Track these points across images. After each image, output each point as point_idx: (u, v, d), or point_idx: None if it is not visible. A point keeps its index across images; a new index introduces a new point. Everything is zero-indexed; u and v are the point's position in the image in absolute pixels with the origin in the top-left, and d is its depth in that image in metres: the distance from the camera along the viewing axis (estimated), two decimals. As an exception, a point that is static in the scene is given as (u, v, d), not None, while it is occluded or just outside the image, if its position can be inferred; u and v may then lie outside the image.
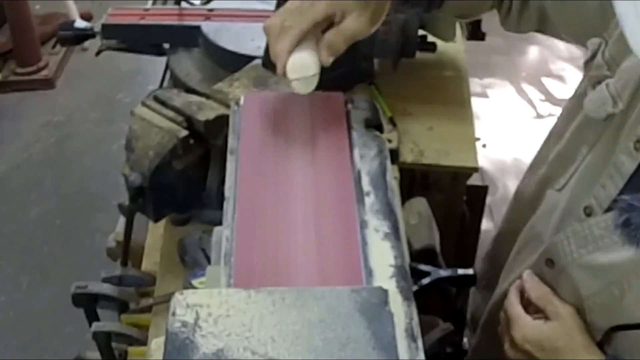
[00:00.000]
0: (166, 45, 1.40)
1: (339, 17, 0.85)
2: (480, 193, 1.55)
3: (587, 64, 0.89)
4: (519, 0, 1.03)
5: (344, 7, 0.85)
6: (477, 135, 1.36)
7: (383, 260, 0.73)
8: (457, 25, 1.46)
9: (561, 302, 0.84)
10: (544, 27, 1.03)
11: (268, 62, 0.90)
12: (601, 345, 0.80)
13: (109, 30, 1.38)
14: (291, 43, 0.84)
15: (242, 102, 0.92)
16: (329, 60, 0.86)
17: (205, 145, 1.03)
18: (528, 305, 0.87)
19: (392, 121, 1.31)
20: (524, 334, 0.84)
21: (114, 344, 1.10)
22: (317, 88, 0.88)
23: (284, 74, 0.85)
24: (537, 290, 0.86)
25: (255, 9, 1.36)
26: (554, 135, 1.01)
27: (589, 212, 0.82)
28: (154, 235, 1.24)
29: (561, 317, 0.82)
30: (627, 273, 0.76)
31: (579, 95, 0.92)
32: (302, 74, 0.85)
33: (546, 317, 0.84)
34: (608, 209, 0.79)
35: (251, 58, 1.17)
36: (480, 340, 1.13)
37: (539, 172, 1.02)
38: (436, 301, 0.94)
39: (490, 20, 1.41)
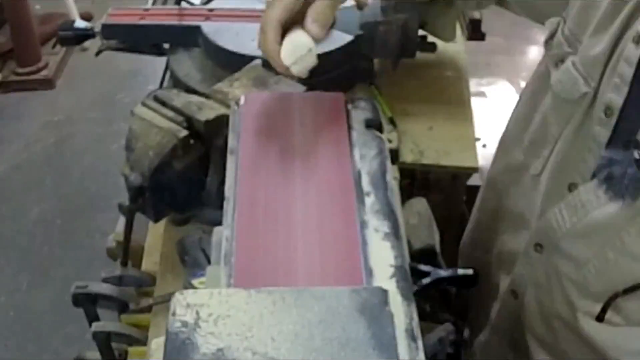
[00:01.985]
0: (166, 45, 1.40)
1: None
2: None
3: (547, 43, 0.89)
4: None
5: None
6: (477, 135, 1.36)
7: (383, 260, 0.73)
8: (457, 25, 1.45)
9: None
10: (502, 4, 1.05)
11: (268, 63, 0.90)
12: (603, 314, 0.79)
13: (109, 30, 1.38)
14: (274, 34, 0.81)
15: (242, 102, 0.92)
16: (321, 33, 0.82)
17: (205, 145, 1.03)
18: None
19: (392, 121, 1.31)
20: None
21: (114, 344, 1.10)
22: (317, 88, 0.88)
23: (283, 70, 0.83)
24: None
25: (255, 9, 1.36)
26: (520, 119, 1.00)
27: (573, 190, 0.82)
28: (154, 235, 1.24)
29: None
30: (618, 231, 0.75)
31: (541, 76, 0.92)
32: (297, 54, 0.82)
33: None
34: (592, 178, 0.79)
35: (251, 58, 1.17)
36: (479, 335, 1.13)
37: (512, 157, 1.01)
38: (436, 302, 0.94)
39: (490, 20, 1.41)
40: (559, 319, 0.89)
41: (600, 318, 0.79)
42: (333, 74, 1.30)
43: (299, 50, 0.82)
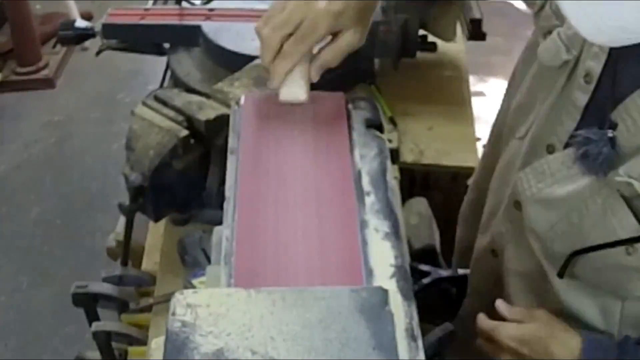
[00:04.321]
0: (166, 45, 1.40)
1: (334, 34, 0.86)
2: (480, 193, 1.55)
3: (536, 15, 0.93)
4: None
5: (342, 25, 0.85)
6: (477, 135, 1.36)
7: (383, 260, 0.72)
8: (457, 25, 1.46)
9: (531, 308, 0.89)
10: None
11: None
12: (563, 270, 0.85)
13: (109, 30, 1.38)
14: (289, 67, 0.85)
15: (242, 101, 0.92)
16: (318, 77, 0.88)
17: (205, 145, 1.03)
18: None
19: (392, 121, 1.31)
20: (508, 333, 0.88)
21: (114, 344, 1.10)
22: (318, 88, 0.88)
23: (272, 87, 0.87)
24: (509, 312, 0.90)
25: (255, 9, 1.36)
26: (511, 88, 1.04)
27: (551, 150, 0.86)
28: (154, 235, 1.24)
29: (537, 317, 0.88)
30: (585, 199, 0.80)
31: (531, 46, 0.96)
32: (292, 99, 0.87)
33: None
34: (566, 145, 0.84)
35: (251, 58, 1.17)
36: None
37: (501, 126, 1.06)
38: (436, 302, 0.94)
39: (490, 20, 1.41)
40: (533, 276, 0.94)
41: (560, 275, 0.85)
42: (333, 74, 1.29)
43: (295, 97, 0.87)
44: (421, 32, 1.39)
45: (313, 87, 0.95)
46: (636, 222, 0.75)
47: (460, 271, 1.01)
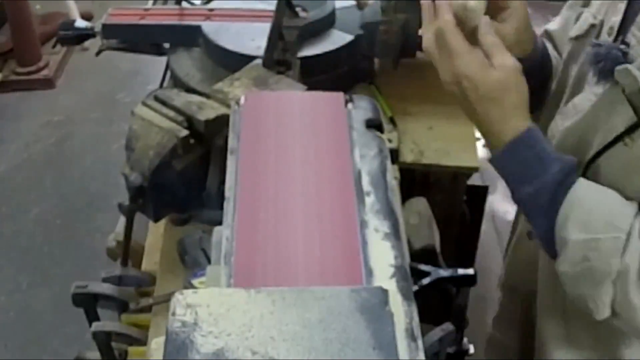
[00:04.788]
0: (166, 45, 1.40)
1: None
2: (480, 193, 1.55)
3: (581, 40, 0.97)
4: None
5: None
6: (477, 135, 1.36)
7: (383, 260, 0.73)
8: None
9: (510, 55, 0.84)
10: None
11: (268, 62, 0.90)
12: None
13: (109, 30, 1.38)
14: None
15: (242, 101, 0.92)
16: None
17: (205, 145, 1.03)
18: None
19: (392, 121, 1.31)
20: (468, 70, 0.83)
21: (114, 344, 1.10)
22: (317, 88, 0.88)
23: None
24: (490, 36, 0.85)
25: (255, 9, 1.36)
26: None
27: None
28: (154, 235, 1.24)
29: (506, 69, 0.83)
30: (596, 109, 0.84)
31: (582, 76, 0.97)
32: None
33: (491, 65, 0.84)
34: None
35: (251, 58, 1.17)
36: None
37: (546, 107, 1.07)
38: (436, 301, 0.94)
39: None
40: None
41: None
42: (333, 74, 1.30)
43: None
44: (421, 32, 1.39)
45: (313, 87, 0.95)
46: (634, 114, 0.77)
47: (460, 271, 1.01)
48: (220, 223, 0.78)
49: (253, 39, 1.26)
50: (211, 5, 1.42)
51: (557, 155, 0.83)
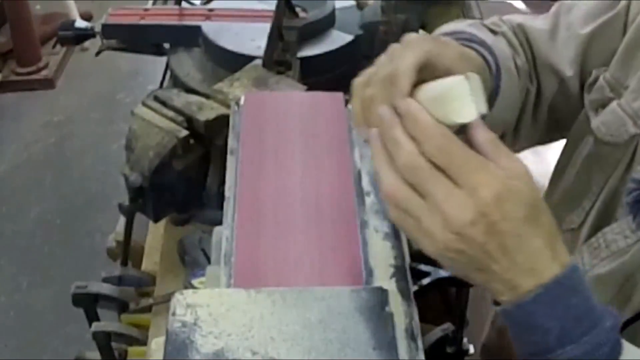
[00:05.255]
0: (166, 45, 1.40)
1: None
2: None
3: (588, 89, 0.83)
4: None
5: None
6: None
7: (383, 260, 0.72)
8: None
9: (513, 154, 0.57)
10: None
11: (268, 62, 0.90)
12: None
13: (109, 30, 1.38)
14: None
15: (242, 102, 0.92)
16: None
17: (205, 145, 1.03)
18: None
19: (392, 121, 1.31)
20: (497, 189, 0.53)
21: (114, 344, 1.10)
22: (317, 88, 0.88)
23: None
24: (486, 132, 0.57)
25: (255, 9, 1.36)
26: (556, 175, 0.92)
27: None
28: (154, 235, 1.24)
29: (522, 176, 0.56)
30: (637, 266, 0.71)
31: (578, 125, 0.86)
32: None
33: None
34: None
35: (251, 58, 1.17)
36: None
37: None
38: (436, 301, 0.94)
39: (490, 20, 1.41)
40: None
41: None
42: (333, 74, 1.30)
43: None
44: (421, 32, 1.39)
45: (313, 87, 0.95)
46: None
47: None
48: (220, 223, 0.78)
49: (253, 39, 1.26)
50: (211, 5, 1.42)
51: (602, 304, 0.59)
